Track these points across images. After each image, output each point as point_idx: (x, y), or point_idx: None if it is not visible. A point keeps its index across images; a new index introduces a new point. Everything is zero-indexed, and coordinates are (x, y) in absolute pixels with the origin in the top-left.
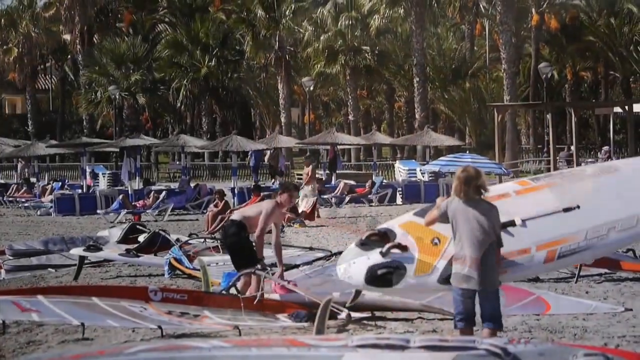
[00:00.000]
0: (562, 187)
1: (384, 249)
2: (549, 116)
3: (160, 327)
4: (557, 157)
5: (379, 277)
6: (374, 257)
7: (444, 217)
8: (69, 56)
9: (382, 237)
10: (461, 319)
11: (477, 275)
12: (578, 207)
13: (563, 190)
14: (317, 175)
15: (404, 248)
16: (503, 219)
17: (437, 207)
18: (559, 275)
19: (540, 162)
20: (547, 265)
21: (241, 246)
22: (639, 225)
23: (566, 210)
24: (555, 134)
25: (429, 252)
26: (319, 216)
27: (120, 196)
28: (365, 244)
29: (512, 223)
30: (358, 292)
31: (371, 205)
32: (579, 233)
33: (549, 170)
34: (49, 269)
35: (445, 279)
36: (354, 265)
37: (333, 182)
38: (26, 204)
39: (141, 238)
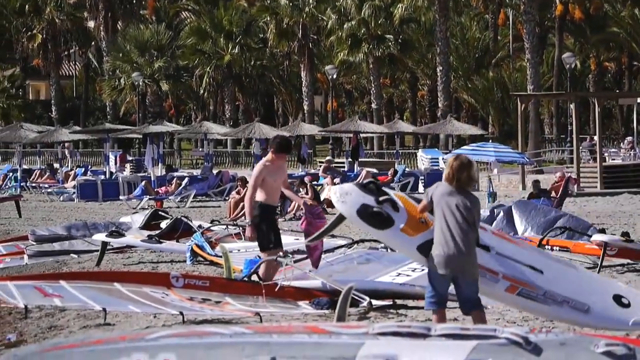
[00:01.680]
0: (529, 250)
1: (381, 198)
2: (572, 106)
3: (181, 313)
4: (580, 147)
5: (370, 214)
6: (370, 198)
7: (431, 205)
8: (93, 43)
9: (379, 189)
10: (434, 302)
11: (457, 263)
12: (542, 272)
13: (530, 254)
14: (334, 165)
15: (396, 208)
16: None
17: (427, 195)
18: (582, 265)
19: (563, 152)
20: (506, 294)
21: (266, 227)
22: (589, 312)
23: (532, 268)
24: (579, 124)
25: (417, 224)
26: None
27: (143, 182)
28: (364, 187)
29: (487, 248)
30: (342, 218)
31: None
32: (540, 288)
33: (571, 160)
34: (72, 255)
35: (424, 250)
36: (350, 195)
37: (355, 170)
38: (49, 190)
39: (163, 224)
